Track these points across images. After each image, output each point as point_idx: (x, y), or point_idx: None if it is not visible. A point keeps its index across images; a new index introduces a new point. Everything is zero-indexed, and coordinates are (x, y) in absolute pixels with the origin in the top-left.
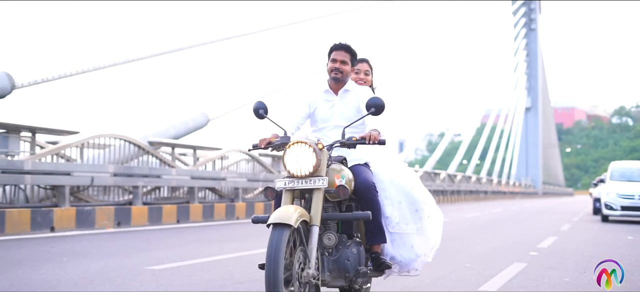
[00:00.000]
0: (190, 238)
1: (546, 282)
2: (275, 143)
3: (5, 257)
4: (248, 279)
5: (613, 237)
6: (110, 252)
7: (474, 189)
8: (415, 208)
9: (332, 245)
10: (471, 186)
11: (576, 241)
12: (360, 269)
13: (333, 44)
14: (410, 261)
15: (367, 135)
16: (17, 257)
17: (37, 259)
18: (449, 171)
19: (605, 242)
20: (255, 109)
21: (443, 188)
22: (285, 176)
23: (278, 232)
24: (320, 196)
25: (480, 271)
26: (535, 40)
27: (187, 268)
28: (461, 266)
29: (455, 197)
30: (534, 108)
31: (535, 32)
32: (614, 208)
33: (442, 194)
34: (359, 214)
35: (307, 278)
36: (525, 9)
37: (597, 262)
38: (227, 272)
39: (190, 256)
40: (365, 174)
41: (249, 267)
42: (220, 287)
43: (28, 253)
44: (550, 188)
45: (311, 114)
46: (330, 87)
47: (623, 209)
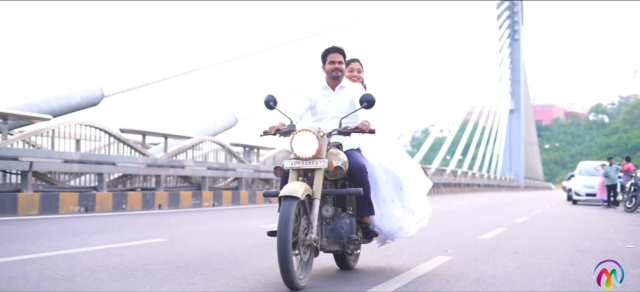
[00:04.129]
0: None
1: (538, 223)
2: (283, 130)
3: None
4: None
5: (577, 211)
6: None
7: (470, 182)
8: (400, 187)
9: (330, 216)
10: (468, 179)
11: (557, 211)
12: (352, 237)
13: (328, 48)
14: (394, 231)
15: (360, 125)
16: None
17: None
18: (436, 166)
19: (572, 213)
20: (266, 101)
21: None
22: (291, 157)
23: (288, 203)
24: (321, 174)
25: (486, 227)
26: (518, 49)
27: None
28: (466, 229)
29: (449, 189)
30: (517, 110)
31: (518, 42)
32: (580, 195)
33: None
34: (352, 190)
35: (310, 241)
36: (509, 22)
37: (569, 220)
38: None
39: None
40: (358, 157)
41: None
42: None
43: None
44: (531, 182)
45: (312, 107)
46: (328, 84)
47: (586, 195)
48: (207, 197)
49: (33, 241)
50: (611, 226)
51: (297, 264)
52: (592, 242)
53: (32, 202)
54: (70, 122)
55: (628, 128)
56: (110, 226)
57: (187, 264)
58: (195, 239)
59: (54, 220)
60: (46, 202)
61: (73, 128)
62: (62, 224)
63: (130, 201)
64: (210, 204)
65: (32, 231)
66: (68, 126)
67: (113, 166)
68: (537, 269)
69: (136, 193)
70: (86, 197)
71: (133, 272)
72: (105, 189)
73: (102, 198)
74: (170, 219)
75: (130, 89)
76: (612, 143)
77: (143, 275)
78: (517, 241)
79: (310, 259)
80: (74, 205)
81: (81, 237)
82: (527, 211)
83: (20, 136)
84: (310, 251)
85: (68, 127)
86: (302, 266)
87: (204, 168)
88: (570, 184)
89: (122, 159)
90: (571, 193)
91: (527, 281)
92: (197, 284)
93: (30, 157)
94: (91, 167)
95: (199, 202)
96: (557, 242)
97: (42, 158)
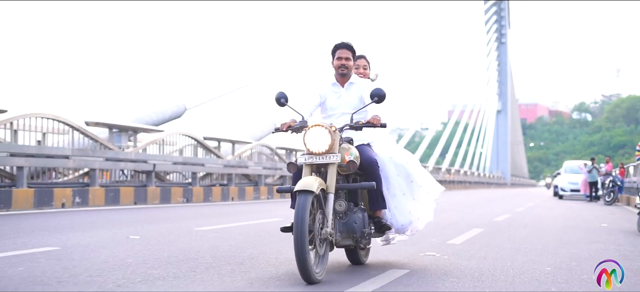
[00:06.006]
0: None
1: (533, 212)
2: (294, 126)
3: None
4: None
5: (564, 204)
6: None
7: (463, 180)
8: (411, 180)
9: (343, 210)
10: (461, 177)
11: (547, 204)
12: (365, 231)
13: (337, 44)
14: (406, 225)
15: (371, 119)
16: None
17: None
18: (433, 165)
19: (560, 205)
20: (277, 98)
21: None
22: (304, 153)
23: (303, 197)
24: (334, 169)
25: (496, 214)
26: (506, 52)
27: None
28: (481, 216)
29: (445, 186)
30: (504, 111)
31: (505, 45)
32: (565, 190)
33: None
34: (365, 184)
35: (326, 235)
36: (496, 26)
37: (557, 211)
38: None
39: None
40: (369, 152)
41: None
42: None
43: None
44: (517, 179)
45: (322, 103)
46: (337, 80)
47: (571, 191)
48: (263, 191)
49: (186, 219)
50: (592, 214)
51: (314, 258)
52: (577, 222)
53: (156, 195)
54: (173, 133)
55: (611, 126)
56: (227, 211)
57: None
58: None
59: (173, 207)
60: (165, 195)
61: (176, 137)
62: (186, 211)
63: (214, 194)
64: (265, 197)
65: (169, 214)
66: (172, 136)
67: (202, 166)
68: (539, 238)
69: (217, 188)
70: (187, 191)
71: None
72: (198, 184)
73: (197, 191)
74: (249, 208)
75: (204, 102)
76: (595, 141)
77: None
78: (523, 221)
79: (326, 253)
80: (180, 197)
81: (219, 217)
82: (521, 203)
83: (143, 145)
84: (326, 244)
85: (172, 137)
86: (318, 260)
87: (260, 168)
88: (556, 181)
89: (208, 161)
90: (557, 189)
91: (537, 240)
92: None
93: (153, 160)
94: (189, 167)
95: (258, 196)
96: (551, 222)
97: (160, 161)
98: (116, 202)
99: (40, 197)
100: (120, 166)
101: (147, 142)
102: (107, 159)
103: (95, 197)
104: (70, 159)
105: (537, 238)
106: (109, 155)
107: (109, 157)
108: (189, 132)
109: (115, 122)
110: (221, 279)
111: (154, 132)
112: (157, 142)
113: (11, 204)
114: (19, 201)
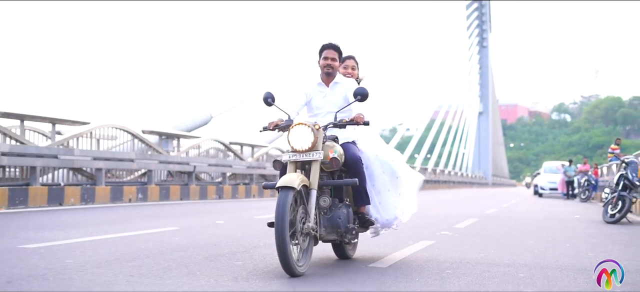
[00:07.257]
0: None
1: (517, 208)
2: (281, 125)
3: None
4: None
5: (543, 201)
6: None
7: (447, 179)
8: (396, 176)
9: (327, 206)
10: (445, 177)
11: (528, 201)
12: (349, 226)
13: (324, 44)
14: (391, 219)
15: (355, 117)
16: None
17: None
18: (420, 165)
19: (540, 202)
20: (264, 98)
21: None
22: (289, 150)
23: (284, 193)
24: (317, 166)
25: (484, 209)
26: (487, 55)
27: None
28: (472, 210)
29: (431, 185)
30: (485, 112)
31: (486, 49)
32: (544, 189)
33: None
34: (348, 180)
35: (308, 229)
36: (478, 30)
37: (538, 206)
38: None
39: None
40: (353, 149)
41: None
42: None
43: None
44: (498, 179)
45: (308, 103)
46: (323, 80)
47: (550, 189)
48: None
49: (243, 210)
50: (568, 209)
51: (298, 252)
52: (554, 214)
53: (196, 192)
54: (206, 139)
55: (589, 127)
56: (256, 206)
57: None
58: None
59: (213, 202)
60: (203, 192)
61: (209, 143)
62: (228, 205)
63: (239, 191)
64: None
65: (219, 207)
66: (205, 142)
67: (230, 167)
68: (525, 225)
69: (241, 186)
70: (219, 189)
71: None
72: (227, 182)
73: (226, 189)
74: (270, 204)
75: (226, 110)
76: (574, 142)
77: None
78: (509, 214)
79: (309, 247)
80: (214, 194)
81: (257, 210)
82: (505, 200)
83: (185, 149)
84: (309, 239)
85: (205, 143)
86: (301, 254)
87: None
88: (536, 180)
89: (235, 162)
90: (537, 188)
91: (522, 225)
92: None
93: (194, 162)
94: (220, 168)
95: (273, 193)
96: (533, 214)
97: (199, 163)
98: (167, 198)
99: (114, 194)
100: (169, 167)
101: (187, 146)
102: (160, 161)
103: (152, 194)
104: (134, 161)
105: (522, 224)
106: (162, 158)
107: (161, 160)
108: (218, 138)
109: (163, 130)
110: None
111: (192, 138)
112: (195, 147)
113: (94, 199)
114: (100, 196)
